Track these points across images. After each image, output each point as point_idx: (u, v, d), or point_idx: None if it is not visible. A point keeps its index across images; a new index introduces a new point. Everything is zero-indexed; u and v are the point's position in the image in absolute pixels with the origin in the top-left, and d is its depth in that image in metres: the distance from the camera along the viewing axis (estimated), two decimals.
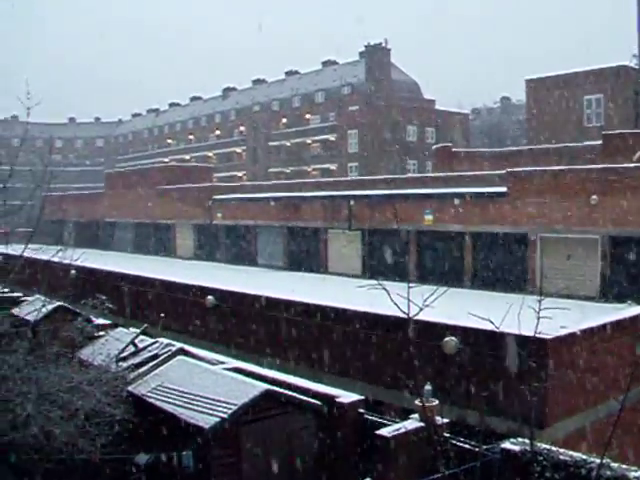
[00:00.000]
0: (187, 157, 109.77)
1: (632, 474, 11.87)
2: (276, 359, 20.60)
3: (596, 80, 48.90)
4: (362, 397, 16.44)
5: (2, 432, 14.42)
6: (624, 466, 12.13)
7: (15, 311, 22.83)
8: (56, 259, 21.71)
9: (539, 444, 12.71)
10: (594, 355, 16.09)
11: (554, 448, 13.19)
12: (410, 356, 11.21)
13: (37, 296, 24.53)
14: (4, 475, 14.79)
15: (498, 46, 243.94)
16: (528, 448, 12.11)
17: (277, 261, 42.12)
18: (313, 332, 20.06)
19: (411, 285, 9.61)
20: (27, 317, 20.89)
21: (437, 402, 14.49)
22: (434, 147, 55.11)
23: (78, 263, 23.56)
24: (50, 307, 21.84)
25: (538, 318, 10.27)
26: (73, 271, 29.77)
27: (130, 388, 16.90)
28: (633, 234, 27.92)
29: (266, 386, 15.58)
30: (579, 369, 15.69)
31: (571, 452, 13.01)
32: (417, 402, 13.77)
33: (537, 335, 10.87)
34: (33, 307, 21.81)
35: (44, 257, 22.46)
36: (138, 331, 20.07)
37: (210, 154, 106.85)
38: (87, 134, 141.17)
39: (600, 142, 38.70)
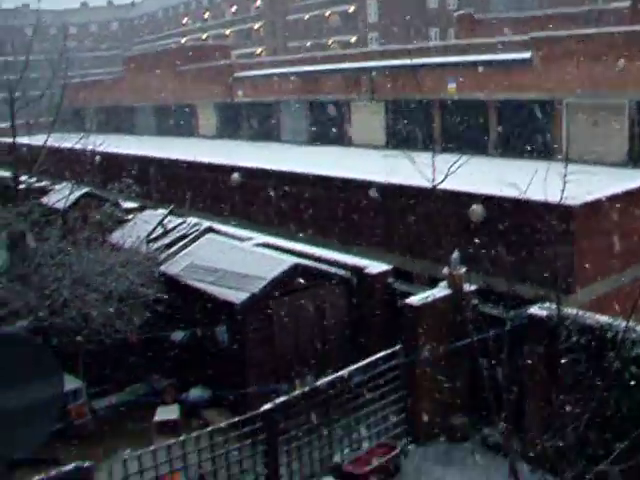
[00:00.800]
0: (203, 36, 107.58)
1: None
2: (304, 233, 20.71)
3: None
4: (390, 267, 16.61)
5: (42, 317, 14.83)
6: None
7: (44, 200, 23.04)
8: (79, 146, 21.78)
9: (565, 309, 12.82)
10: (620, 221, 16.01)
11: (580, 312, 13.32)
12: (438, 225, 11.22)
13: (64, 184, 24.73)
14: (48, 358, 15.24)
15: None
16: (555, 313, 12.24)
17: (300, 136, 41.72)
18: (340, 205, 20.06)
19: (436, 154, 9.50)
20: (56, 205, 21.11)
21: (465, 270, 14.62)
22: (456, 14, 53.42)
23: (102, 149, 23.64)
24: (78, 194, 22.02)
25: (564, 184, 10.21)
26: (97, 157, 29.87)
27: (162, 268, 17.21)
28: None
29: (295, 259, 15.77)
30: (605, 235, 15.65)
31: (597, 316, 13.14)
32: (445, 270, 13.90)
33: (563, 202, 10.81)
34: (61, 195, 22.03)
35: (67, 145, 22.54)
36: (166, 212, 20.26)
37: (227, 32, 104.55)
38: (101, 18, 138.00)
39: (628, 3, 37.29)
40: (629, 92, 27.92)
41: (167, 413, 14.91)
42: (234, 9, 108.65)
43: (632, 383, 12.09)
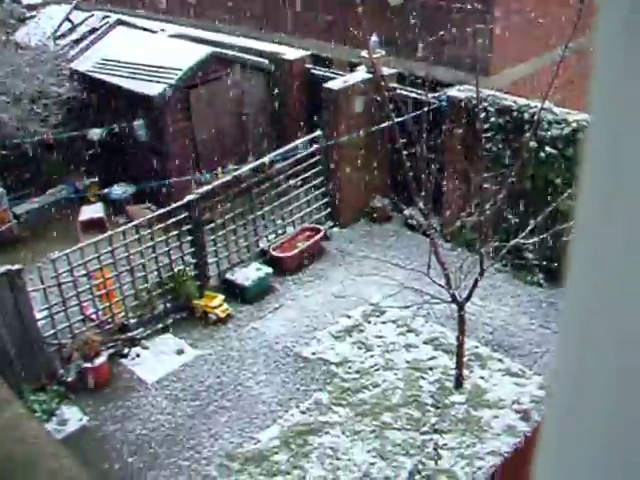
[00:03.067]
0: None
1: (572, 117, 12.29)
2: (220, 22, 19.97)
3: None
4: (308, 52, 16.33)
5: None
6: (565, 110, 12.51)
7: None
8: None
9: (484, 91, 12.91)
10: (541, 3, 15.81)
11: (499, 94, 13.47)
12: (356, 8, 10.89)
13: None
14: None
15: None
16: (474, 95, 12.32)
17: None
18: None
19: None
20: None
21: (384, 53, 14.46)
22: None
23: None
24: None
25: None
26: None
27: (72, 65, 16.52)
28: None
29: (211, 48, 15.33)
30: (526, 16, 15.50)
31: (515, 98, 13.31)
32: (363, 54, 13.70)
33: None
34: None
35: None
36: (71, 6, 19.16)
37: None
38: None
39: None
40: None
41: (91, 212, 14.83)
42: None
43: (547, 162, 12.50)
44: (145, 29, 18.05)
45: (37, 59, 15.73)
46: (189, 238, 12.96)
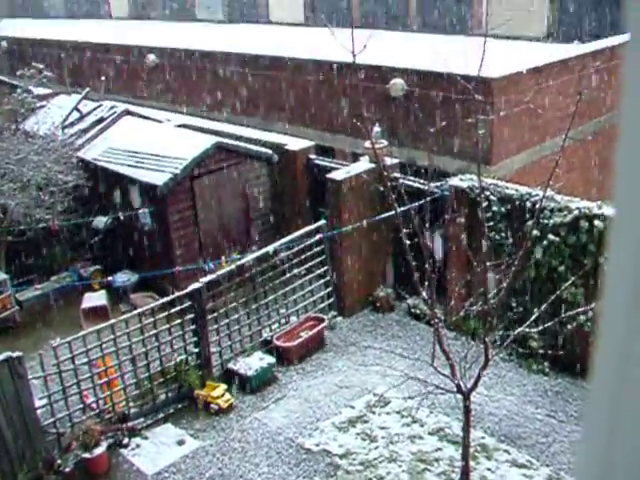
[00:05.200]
0: None
1: (574, 205, 12.37)
2: (225, 113, 20.39)
3: None
4: (312, 143, 16.58)
5: None
6: (567, 198, 12.61)
7: None
8: None
9: (486, 180, 13.04)
10: (540, 94, 16.15)
11: (501, 183, 13.59)
12: (358, 100, 11.10)
13: None
14: None
15: None
16: (476, 184, 12.43)
17: (216, 14, 40.53)
18: (261, 82, 19.75)
19: (356, 30, 9.31)
20: None
21: (386, 143, 14.67)
22: None
23: (7, 34, 22.53)
24: None
25: (482, 57, 10.15)
26: (3, 42, 28.53)
27: (80, 154, 16.77)
28: None
29: (216, 139, 15.57)
30: (525, 107, 15.81)
31: (517, 186, 13.43)
32: (366, 144, 13.89)
33: (482, 74, 10.80)
34: None
35: None
36: (80, 97, 19.58)
37: None
38: None
39: None
40: None
41: (94, 299, 14.83)
42: None
43: (550, 249, 12.53)
44: (152, 119, 18.40)
45: (45, 147, 15.98)
46: (192, 327, 12.90)
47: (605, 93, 17.06)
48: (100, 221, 15.96)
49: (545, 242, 12.59)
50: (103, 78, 23.14)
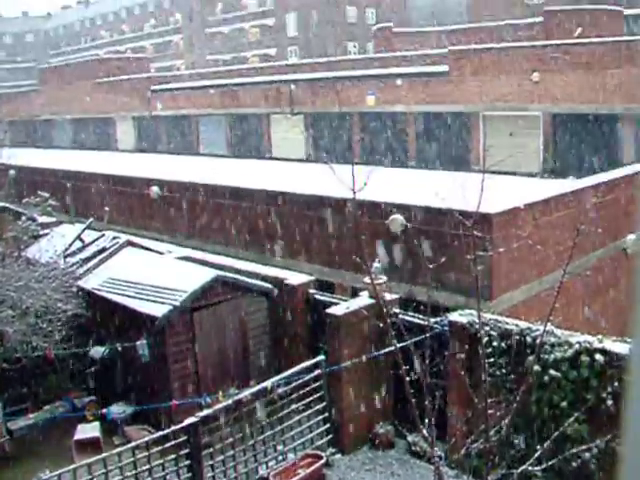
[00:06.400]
0: (122, 49, 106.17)
1: (575, 339, 12.32)
2: (225, 246, 20.62)
3: None
4: (312, 278, 16.66)
5: None
6: (567, 332, 12.57)
7: None
8: None
9: (486, 315, 13.03)
10: (538, 229, 16.38)
11: (500, 318, 13.57)
12: (358, 236, 11.27)
13: None
14: None
15: None
16: (475, 319, 12.42)
17: (220, 149, 41.61)
18: (261, 217, 20.06)
19: (356, 166, 9.55)
20: None
21: (386, 279, 14.75)
22: (374, 27, 54.11)
23: (16, 163, 23.07)
24: None
25: (481, 193, 10.37)
26: (12, 171, 29.16)
27: (80, 283, 16.83)
28: (574, 110, 28.13)
29: (216, 272, 15.66)
30: (523, 243, 16.00)
31: (517, 321, 13.40)
32: (366, 280, 13.97)
33: (481, 210, 10.99)
34: None
35: None
36: (83, 226, 19.85)
37: (146, 44, 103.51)
38: (16, 29, 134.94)
39: (541, 19, 38.48)
40: (543, 104, 28.71)
41: (87, 431, 14.55)
42: (153, 22, 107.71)
43: (551, 385, 12.39)
44: (153, 250, 18.58)
45: (46, 275, 16.04)
46: (187, 462, 12.58)
47: (602, 227, 17.29)
48: (97, 351, 15.85)
49: (546, 377, 12.46)
50: (107, 208, 23.54)
